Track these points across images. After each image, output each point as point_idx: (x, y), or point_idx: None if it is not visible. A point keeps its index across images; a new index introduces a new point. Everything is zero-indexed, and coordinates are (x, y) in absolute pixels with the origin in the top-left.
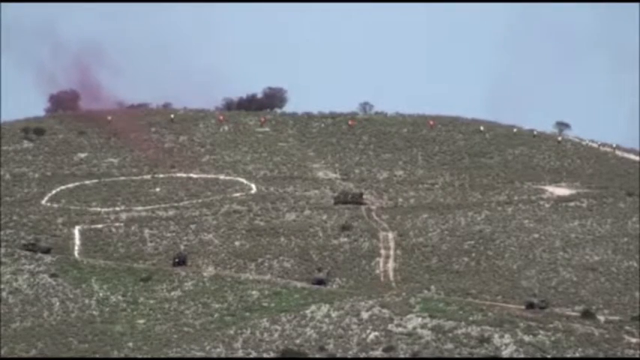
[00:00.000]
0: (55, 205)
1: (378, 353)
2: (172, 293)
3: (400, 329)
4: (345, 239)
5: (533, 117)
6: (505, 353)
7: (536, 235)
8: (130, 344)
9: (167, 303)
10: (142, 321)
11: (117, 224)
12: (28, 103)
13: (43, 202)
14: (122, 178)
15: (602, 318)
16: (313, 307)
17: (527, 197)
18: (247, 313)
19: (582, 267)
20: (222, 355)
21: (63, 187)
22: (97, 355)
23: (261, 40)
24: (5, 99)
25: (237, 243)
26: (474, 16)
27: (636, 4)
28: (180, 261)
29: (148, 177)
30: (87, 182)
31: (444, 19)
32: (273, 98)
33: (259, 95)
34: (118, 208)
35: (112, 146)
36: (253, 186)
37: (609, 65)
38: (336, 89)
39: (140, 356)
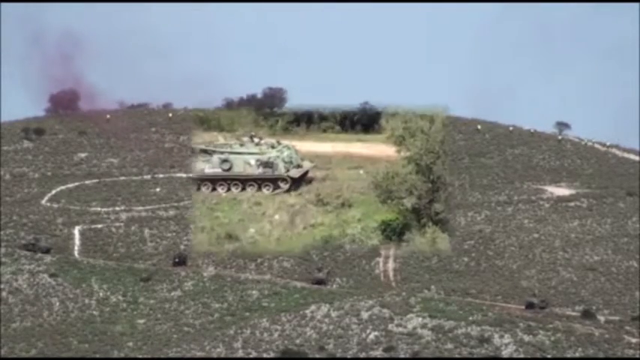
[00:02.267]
0: (55, 205)
1: (378, 353)
2: (172, 293)
3: (400, 329)
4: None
5: (533, 117)
6: (505, 353)
7: (536, 235)
8: (130, 344)
9: (167, 303)
10: (142, 321)
11: (117, 224)
12: (28, 103)
13: (43, 202)
14: (122, 178)
15: (602, 318)
16: (313, 307)
17: (527, 197)
18: (247, 313)
19: (582, 267)
20: (222, 355)
21: (63, 187)
22: (97, 355)
23: (260, 40)
24: (5, 99)
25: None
26: (474, 16)
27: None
28: (180, 261)
29: (148, 177)
30: (87, 182)
31: (444, 19)
32: (273, 98)
33: (259, 95)
34: (118, 208)
35: (112, 146)
36: None
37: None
38: (336, 89)
39: (140, 356)
